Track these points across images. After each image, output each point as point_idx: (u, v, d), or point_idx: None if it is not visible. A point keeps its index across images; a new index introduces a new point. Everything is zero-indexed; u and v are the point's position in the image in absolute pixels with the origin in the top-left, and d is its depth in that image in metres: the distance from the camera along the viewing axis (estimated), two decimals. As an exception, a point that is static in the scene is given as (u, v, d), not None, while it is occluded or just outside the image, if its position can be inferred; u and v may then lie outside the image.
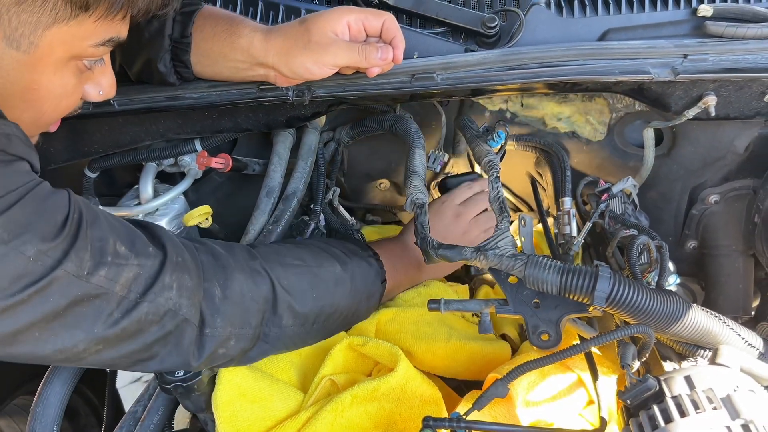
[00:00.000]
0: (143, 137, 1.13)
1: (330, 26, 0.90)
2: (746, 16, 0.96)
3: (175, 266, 0.76)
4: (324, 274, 0.93)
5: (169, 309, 0.74)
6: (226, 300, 0.81)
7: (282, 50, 0.91)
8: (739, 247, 1.23)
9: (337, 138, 1.28)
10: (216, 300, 0.80)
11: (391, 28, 0.93)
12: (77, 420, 1.61)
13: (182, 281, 0.76)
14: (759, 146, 1.14)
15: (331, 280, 0.93)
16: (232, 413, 0.88)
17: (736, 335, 0.87)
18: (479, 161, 1.06)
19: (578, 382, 0.95)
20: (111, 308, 0.70)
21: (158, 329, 0.74)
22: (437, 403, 0.95)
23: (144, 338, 0.74)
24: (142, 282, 0.72)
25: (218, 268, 0.82)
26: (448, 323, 1.06)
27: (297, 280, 0.89)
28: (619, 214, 1.13)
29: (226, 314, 0.81)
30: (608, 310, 0.83)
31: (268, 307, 0.85)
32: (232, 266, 0.84)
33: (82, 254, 0.66)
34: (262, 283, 0.85)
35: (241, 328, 0.83)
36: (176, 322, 0.76)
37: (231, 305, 0.81)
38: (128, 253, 0.71)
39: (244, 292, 0.83)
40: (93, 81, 0.80)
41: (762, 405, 0.69)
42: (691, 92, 1.01)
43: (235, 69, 0.96)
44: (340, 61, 0.92)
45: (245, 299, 0.83)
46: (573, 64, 0.96)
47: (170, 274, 0.75)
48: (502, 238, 0.90)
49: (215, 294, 0.80)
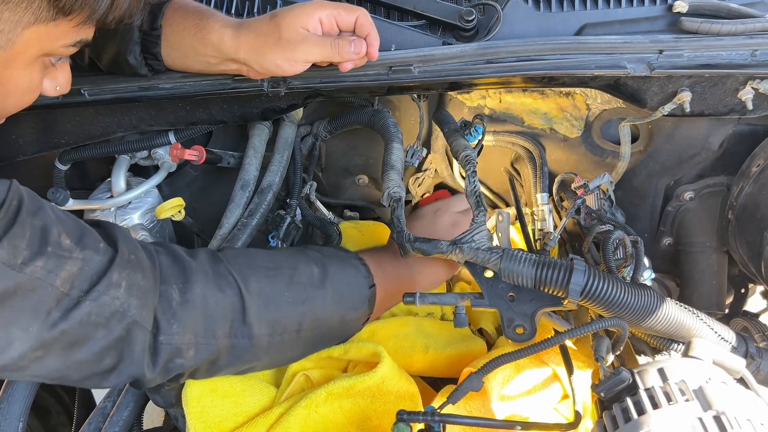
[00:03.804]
0: (115, 128, 1.11)
1: (301, 22, 0.87)
2: (721, 12, 0.97)
3: (126, 263, 0.70)
4: (299, 276, 0.84)
5: (116, 310, 0.67)
6: (186, 305, 0.74)
7: (252, 47, 0.89)
8: (713, 244, 1.24)
9: (315, 132, 1.26)
10: (173, 304, 0.73)
11: (365, 25, 0.90)
12: (48, 418, 1.58)
13: (133, 280, 0.69)
14: (733, 143, 1.16)
15: (308, 284, 0.84)
16: (202, 409, 0.86)
17: (709, 329, 0.87)
18: (456, 156, 1.05)
19: (553, 376, 0.95)
20: (49, 305, 0.63)
21: (105, 334, 0.67)
22: (413, 399, 0.94)
23: (92, 345, 0.67)
24: (87, 278, 0.65)
25: (178, 271, 0.75)
26: (425, 331, 1.05)
27: (268, 284, 0.81)
28: (595, 210, 1.14)
29: (185, 320, 0.73)
30: (583, 304, 0.83)
31: (236, 315, 0.77)
32: (193, 268, 0.76)
33: (17, 241, 0.61)
34: (227, 288, 0.77)
35: (204, 337, 0.75)
36: (125, 326, 0.68)
37: (191, 311, 0.74)
38: (73, 246, 0.65)
39: (207, 296, 0.75)
40: (52, 76, 0.79)
41: (733, 397, 0.69)
42: (666, 88, 1.01)
43: (206, 63, 0.94)
44: (312, 57, 0.89)
45: (208, 305, 0.75)
46: (550, 58, 0.96)
47: (119, 272, 0.68)
48: (478, 231, 0.89)
49: (172, 297, 0.73)
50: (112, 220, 1.14)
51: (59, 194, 1.08)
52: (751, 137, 1.14)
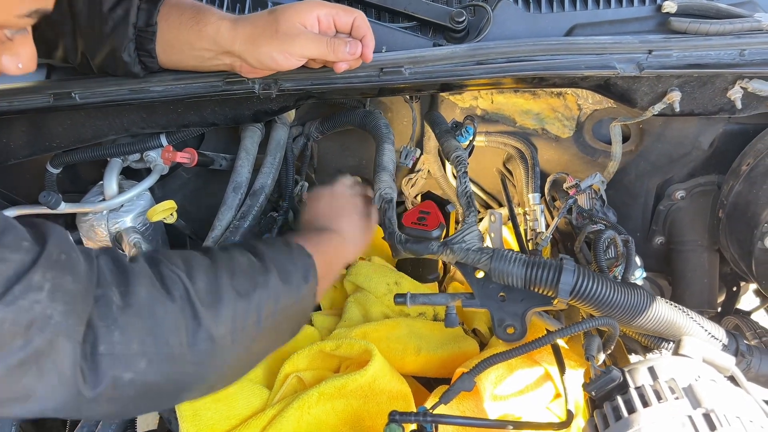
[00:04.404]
0: (107, 132, 1.10)
1: (299, 18, 0.89)
2: (709, 12, 0.98)
3: (53, 264, 0.59)
4: (240, 266, 0.77)
5: (36, 317, 0.56)
6: (128, 309, 0.64)
7: (249, 39, 0.90)
8: (704, 243, 1.25)
9: (307, 133, 1.27)
10: (113, 309, 0.63)
11: (362, 26, 0.91)
12: (42, 421, 1.57)
13: (60, 282, 0.59)
14: (723, 142, 1.16)
15: (251, 271, 0.77)
16: (195, 412, 0.86)
17: (700, 327, 0.88)
18: (448, 156, 1.06)
19: (545, 375, 0.95)
20: None
21: (23, 344, 0.56)
22: (405, 399, 0.95)
23: (4, 359, 0.55)
24: (2, 279, 0.55)
25: (118, 273, 0.66)
26: (417, 332, 1.06)
27: (214, 279, 0.72)
28: (587, 209, 1.14)
29: (128, 327, 0.63)
30: (573, 303, 0.83)
31: (188, 321, 0.67)
32: (136, 271, 0.67)
33: None
34: (174, 289, 0.68)
35: (155, 346, 0.64)
36: (48, 336, 0.57)
37: (134, 317, 0.64)
38: None
39: (154, 301, 0.66)
40: (12, 52, 0.70)
41: (723, 394, 0.70)
42: (656, 88, 1.02)
43: (200, 58, 0.94)
44: (307, 52, 0.90)
45: (156, 311, 0.65)
46: (540, 59, 0.96)
47: (43, 272, 0.58)
48: (468, 232, 0.90)
49: (112, 301, 0.63)
50: (105, 223, 1.14)
51: (51, 197, 1.08)
52: (741, 136, 1.14)
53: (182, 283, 0.69)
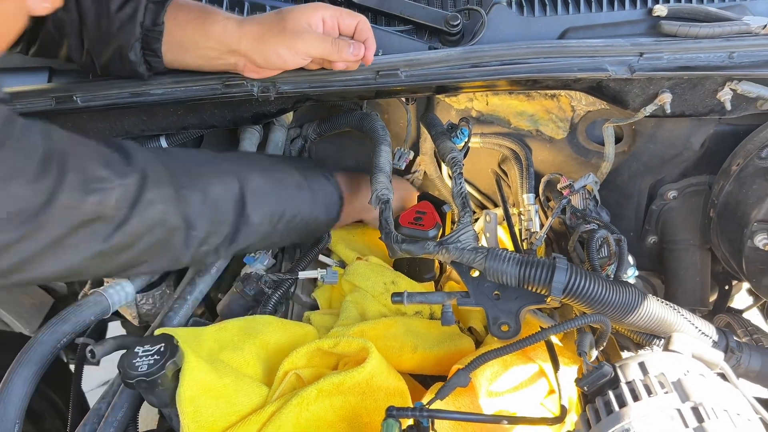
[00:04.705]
0: (108, 134, 1.12)
1: (305, 17, 0.93)
2: (699, 15, 1.00)
3: (155, 181, 0.82)
4: (286, 179, 1.02)
5: (158, 220, 0.82)
6: (206, 203, 0.88)
7: (256, 36, 0.93)
8: (696, 242, 1.26)
9: (304, 134, 1.28)
10: (197, 205, 0.87)
11: (365, 30, 0.96)
12: (42, 423, 1.59)
13: (164, 193, 0.83)
14: (714, 143, 1.18)
15: (293, 185, 1.02)
16: (196, 409, 0.88)
17: (690, 324, 0.90)
18: (443, 158, 1.07)
19: (540, 372, 0.97)
20: (106, 227, 0.77)
21: (148, 239, 0.82)
22: (402, 395, 0.96)
23: (137, 248, 0.81)
24: (129, 199, 0.78)
25: (194, 176, 0.89)
26: (414, 331, 1.07)
27: (263, 182, 0.97)
28: (580, 209, 1.16)
29: (206, 216, 0.89)
30: (566, 301, 0.85)
31: (238, 207, 0.93)
32: (206, 174, 0.91)
33: (71, 187, 0.72)
34: (232, 185, 0.92)
35: (219, 225, 0.91)
36: (165, 230, 0.83)
37: (209, 208, 0.89)
38: (109, 175, 0.77)
39: (219, 194, 0.90)
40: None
41: (711, 388, 0.71)
42: (647, 90, 1.04)
43: (206, 57, 0.96)
44: (313, 50, 0.93)
45: (220, 201, 0.90)
46: (533, 61, 0.98)
47: (152, 189, 0.81)
48: (464, 232, 0.91)
49: (196, 200, 0.87)
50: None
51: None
52: (731, 137, 1.16)
53: (238, 182, 0.93)
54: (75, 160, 0.74)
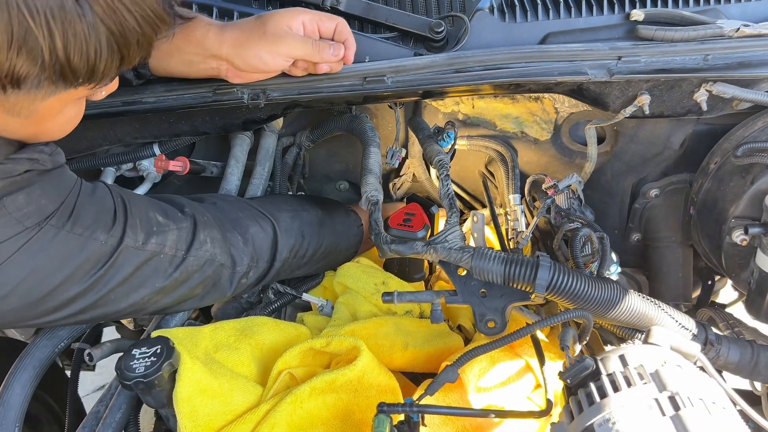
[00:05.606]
0: (101, 142, 1.14)
1: (285, 21, 0.95)
2: (675, 20, 1.03)
3: (204, 225, 0.95)
4: (309, 217, 1.14)
5: (208, 258, 0.95)
6: (247, 243, 1.01)
7: (237, 41, 0.95)
8: (678, 238, 1.30)
9: (298, 143, 1.31)
10: (240, 245, 1.00)
11: (344, 31, 0.99)
12: (39, 428, 1.60)
13: (213, 235, 0.96)
14: (693, 142, 1.22)
15: (316, 222, 1.14)
16: (192, 408, 0.90)
17: (670, 318, 0.93)
18: (431, 161, 1.10)
19: (526, 367, 1.00)
20: (166, 266, 0.89)
21: (200, 275, 0.94)
22: (394, 392, 0.98)
23: (190, 283, 0.94)
24: (184, 241, 0.91)
25: (234, 221, 1.02)
26: (404, 329, 1.10)
27: (291, 222, 1.09)
28: (564, 209, 1.19)
29: (248, 254, 1.01)
30: (550, 297, 0.88)
31: (273, 245, 1.06)
32: (244, 218, 1.04)
33: (135, 230, 0.85)
34: (267, 227, 1.05)
35: (258, 262, 1.04)
36: (214, 268, 0.96)
37: (250, 247, 1.02)
38: (167, 221, 0.90)
39: (257, 235, 1.03)
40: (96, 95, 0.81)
41: (687, 378, 0.74)
42: (626, 92, 1.07)
43: (189, 63, 0.98)
44: (294, 52, 0.96)
45: (257, 241, 1.03)
46: (515, 66, 1.01)
47: (202, 232, 0.94)
48: (451, 232, 0.94)
49: (239, 240, 1.00)
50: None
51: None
52: (709, 136, 1.20)
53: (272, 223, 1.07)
54: (137, 208, 0.87)
